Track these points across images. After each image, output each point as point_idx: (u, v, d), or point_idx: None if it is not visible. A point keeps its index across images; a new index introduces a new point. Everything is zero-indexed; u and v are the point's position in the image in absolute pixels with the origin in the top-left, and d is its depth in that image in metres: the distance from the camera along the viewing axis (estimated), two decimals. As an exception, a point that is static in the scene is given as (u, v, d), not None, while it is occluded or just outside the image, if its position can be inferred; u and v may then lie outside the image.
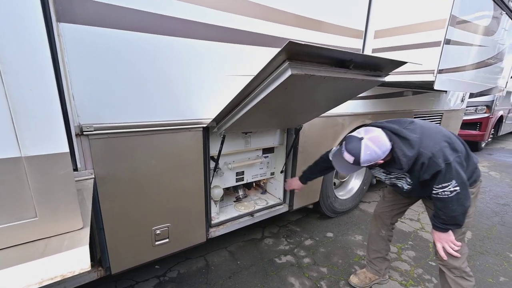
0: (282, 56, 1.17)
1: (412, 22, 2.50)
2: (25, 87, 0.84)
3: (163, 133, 1.72)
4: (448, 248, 1.59)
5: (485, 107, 6.79)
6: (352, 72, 1.43)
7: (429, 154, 1.42)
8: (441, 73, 2.38)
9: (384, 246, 2.10)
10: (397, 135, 1.49)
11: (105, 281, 2.11)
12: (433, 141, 1.45)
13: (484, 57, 3.11)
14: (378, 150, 1.43)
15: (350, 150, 1.48)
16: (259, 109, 1.60)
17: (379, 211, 2.09)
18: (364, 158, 1.44)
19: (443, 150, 1.42)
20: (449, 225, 1.54)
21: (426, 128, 1.52)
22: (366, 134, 1.47)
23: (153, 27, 1.53)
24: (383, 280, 2.22)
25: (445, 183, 1.42)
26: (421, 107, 3.95)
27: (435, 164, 1.41)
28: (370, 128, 1.52)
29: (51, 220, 0.97)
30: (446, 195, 1.44)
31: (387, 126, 1.54)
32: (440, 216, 1.54)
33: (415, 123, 1.54)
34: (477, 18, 2.71)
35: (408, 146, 1.45)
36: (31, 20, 0.82)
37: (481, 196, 4.16)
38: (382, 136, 1.47)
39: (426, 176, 1.46)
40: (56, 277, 0.84)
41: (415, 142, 1.44)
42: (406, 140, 1.46)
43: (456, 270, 1.64)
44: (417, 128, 1.51)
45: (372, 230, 2.13)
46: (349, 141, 1.51)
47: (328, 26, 2.35)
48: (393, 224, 2.07)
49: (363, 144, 1.44)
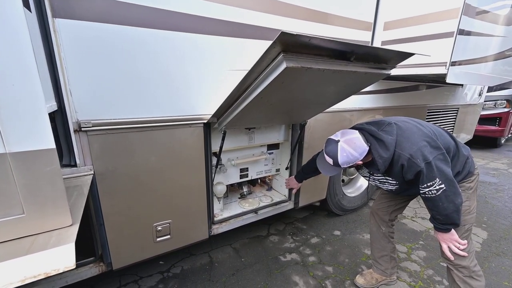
0: (277, 48, 1.10)
1: (423, 13, 2.39)
2: (7, 82, 0.82)
3: (163, 129, 1.70)
4: (454, 248, 1.54)
5: (505, 102, 6.46)
6: (354, 64, 1.34)
7: (406, 155, 1.42)
8: (454, 66, 2.26)
9: (387, 244, 2.03)
10: (374, 137, 1.52)
11: (109, 276, 2.13)
12: (410, 142, 1.45)
13: (503, 48, 2.93)
14: (354, 152, 1.46)
15: (328, 153, 1.53)
16: (258, 104, 1.54)
17: (375, 208, 2.07)
18: (341, 160, 1.48)
19: (422, 150, 1.41)
20: (446, 224, 1.50)
21: (404, 129, 1.51)
22: (342, 137, 1.51)
23: (151, 22, 1.51)
24: (391, 281, 2.13)
25: (429, 182, 1.41)
26: (435, 101, 3.79)
27: (415, 165, 1.41)
28: (348, 131, 1.57)
29: (38, 217, 0.95)
30: (433, 193, 1.42)
31: (365, 128, 1.58)
32: (435, 216, 1.51)
33: (392, 125, 1.53)
34: (495, 7, 2.56)
35: (383, 148, 1.47)
36: (11, 13, 0.80)
37: (499, 195, 3.97)
38: (358, 138, 1.50)
39: (409, 176, 1.46)
40: (39, 275, 0.82)
41: (390, 144, 1.46)
42: (382, 141, 1.48)
43: (464, 269, 1.58)
44: (394, 129, 1.51)
45: (373, 228, 2.09)
46: (327, 144, 1.56)
47: (335, 19, 2.27)
48: (392, 220, 2.02)
49: (339, 146, 1.48)
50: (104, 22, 1.38)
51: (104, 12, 1.37)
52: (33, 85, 0.86)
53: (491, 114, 6.54)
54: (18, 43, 0.81)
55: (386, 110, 3.05)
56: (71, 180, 1.44)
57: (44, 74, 1.27)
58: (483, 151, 6.71)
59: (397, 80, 3.00)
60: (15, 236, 0.92)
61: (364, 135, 1.54)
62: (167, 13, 1.54)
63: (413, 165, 1.41)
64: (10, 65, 0.81)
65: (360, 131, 1.57)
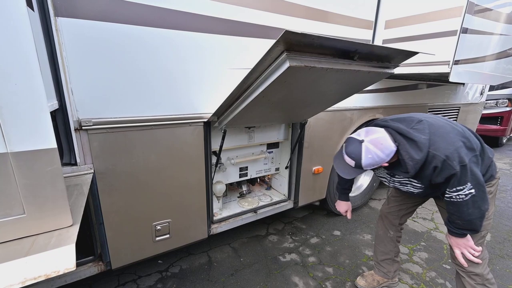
0: (280, 47, 1.09)
1: (425, 11, 2.37)
2: (10, 82, 0.81)
3: (163, 128, 1.70)
4: (468, 254, 1.46)
5: (507, 101, 6.43)
6: (357, 63, 1.33)
7: (442, 157, 1.28)
8: (457, 64, 2.24)
9: (393, 248, 1.99)
10: (404, 136, 1.36)
11: (108, 275, 2.12)
12: (447, 141, 1.32)
13: (505, 46, 2.91)
14: (380, 154, 1.31)
15: (350, 154, 1.36)
16: (260, 103, 1.53)
17: (385, 211, 1.98)
18: (365, 162, 1.32)
19: (458, 151, 1.29)
20: (465, 230, 1.41)
21: (437, 127, 1.37)
22: (367, 136, 1.34)
23: (152, 20, 1.51)
24: (392, 283, 2.10)
25: (459, 186, 1.30)
26: (436, 100, 3.77)
27: (450, 168, 1.28)
28: (372, 129, 1.39)
29: (39, 217, 0.94)
30: (461, 198, 1.31)
31: (392, 125, 1.41)
32: (455, 220, 1.41)
33: (423, 122, 1.39)
34: (498, 6, 2.54)
35: (415, 149, 1.31)
36: (14, 13, 0.79)
37: (501, 195, 3.95)
38: (385, 137, 1.34)
39: (439, 179, 1.34)
40: (39, 276, 0.81)
41: (423, 144, 1.31)
42: (414, 141, 1.32)
43: (477, 277, 1.50)
44: (426, 127, 1.36)
45: (379, 231, 2.02)
46: (349, 144, 1.39)
47: (336, 17, 2.26)
48: (401, 224, 1.95)
49: (363, 147, 1.32)
50: (105, 21, 1.39)
51: (106, 11, 1.38)
52: (35, 85, 0.85)
53: (493, 113, 6.51)
54: (21, 43, 0.81)
55: (387, 109, 3.03)
56: (71, 179, 1.44)
57: (46, 72, 1.27)
58: (483, 151, 6.68)
59: (399, 78, 2.99)
60: (15, 237, 0.91)
61: (391, 134, 1.37)
62: (168, 12, 1.54)
63: (448, 167, 1.28)
64: (13, 65, 0.81)
65: (385, 129, 1.40)
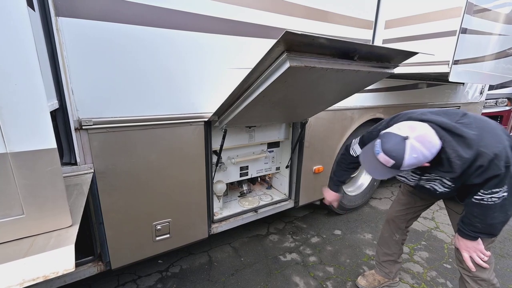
0: (280, 47, 1.09)
1: (425, 11, 2.38)
2: (10, 82, 0.81)
3: (164, 127, 1.69)
4: (476, 258, 1.40)
5: (507, 100, 6.43)
6: (357, 63, 1.33)
7: (490, 155, 1.16)
8: (457, 64, 2.25)
9: (397, 251, 1.97)
10: (450, 132, 1.20)
11: (107, 275, 2.11)
12: (495, 138, 1.20)
13: (504, 46, 2.92)
14: (427, 152, 1.15)
15: (390, 152, 1.18)
16: (260, 103, 1.53)
17: (393, 215, 1.93)
18: (408, 162, 1.16)
19: (506, 150, 1.18)
20: (482, 233, 1.34)
21: (484, 122, 1.25)
22: (413, 132, 1.17)
23: (153, 20, 1.50)
24: (393, 283, 2.09)
25: (496, 188, 1.20)
26: (436, 100, 3.77)
27: (495, 168, 1.16)
28: (416, 124, 1.22)
29: (38, 217, 0.93)
30: (492, 201, 1.23)
31: (434, 119, 1.24)
32: (474, 223, 1.33)
33: (469, 116, 1.27)
34: (497, 6, 2.55)
35: (464, 146, 1.17)
36: (15, 13, 0.79)
37: (500, 194, 3.95)
38: (431, 134, 1.18)
39: (477, 180, 1.22)
40: (38, 277, 0.80)
41: (473, 141, 1.17)
42: (462, 138, 1.18)
43: (484, 282, 1.46)
44: (473, 122, 1.23)
45: (385, 234, 1.99)
46: (388, 140, 1.20)
47: (336, 17, 2.25)
48: (407, 227, 1.92)
49: (408, 145, 1.15)
50: (106, 20, 1.38)
51: (106, 10, 1.37)
52: (36, 85, 0.85)
53: (493, 112, 6.51)
54: (21, 43, 0.81)
55: (387, 108, 3.03)
56: (71, 179, 1.43)
57: (46, 72, 1.26)
58: (483, 150, 6.69)
59: (399, 78, 2.98)
60: (14, 237, 0.90)
61: (434, 130, 1.21)
62: (168, 12, 1.53)
63: (494, 167, 1.16)
64: (13, 65, 0.80)
65: (428, 123, 1.24)
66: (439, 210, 3.31)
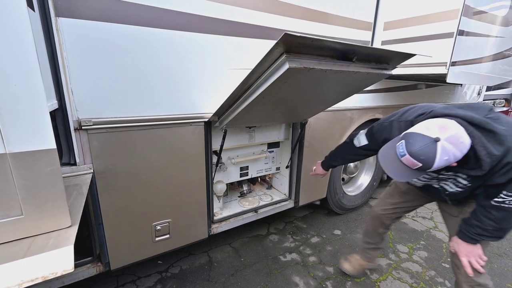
0: (280, 49, 1.10)
1: (423, 13, 2.40)
2: (9, 82, 0.81)
3: (164, 128, 1.69)
4: (475, 263, 1.36)
5: (504, 101, 6.47)
6: (356, 65, 1.34)
7: None
8: (454, 66, 2.27)
9: (380, 240, 2.07)
10: (479, 127, 1.13)
11: (106, 275, 2.10)
12: None
13: (501, 48, 2.95)
14: (458, 153, 1.07)
15: (418, 156, 1.08)
16: (260, 104, 1.53)
17: (379, 212, 1.93)
18: (438, 165, 1.08)
19: None
20: (489, 237, 1.29)
21: (509, 117, 1.22)
22: (443, 133, 1.07)
23: (153, 21, 1.50)
24: (373, 266, 2.20)
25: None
26: (434, 100, 3.78)
27: None
28: (445, 122, 1.11)
29: (37, 218, 0.93)
30: None
31: (463, 115, 1.15)
32: (486, 226, 1.27)
33: (495, 111, 1.20)
34: (493, 8, 2.59)
35: (495, 142, 1.10)
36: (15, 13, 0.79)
37: (498, 194, 3.97)
38: (462, 133, 1.09)
39: (500, 180, 1.14)
40: (37, 278, 0.79)
41: (504, 137, 1.10)
42: (493, 133, 1.11)
43: (480, 287, 1.43)
44: (501, 117, 1.16)
45: (369, 228, 2.07)
46: (415, 142, 1.10)
47: (336, 18, 2.26)
48: (391, 225, 1.98)
49: (440, 147, 1.05)
50: (106, 21, 1.38)
51: (107, 11, 1.37)
52: (35, 86, 0.85)
53: (490, 113, 6.55)
54: (21, 44, 0.81)
55: (387, 109, 3.03)
56: (70, 179, 1.43)
57: (46, 72, 1.26)
58: (482, 150, 6.71)
59: (398, 79, 2.99)
60: (13, 238, 0.90)
61: (463, 125, 1.12)
62: (168, 13, 1.53)
63: None
64: (13, 66, 0.80)
65: (455, 119, 1.14)
66: (437, 210, 3.30)
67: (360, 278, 2.19)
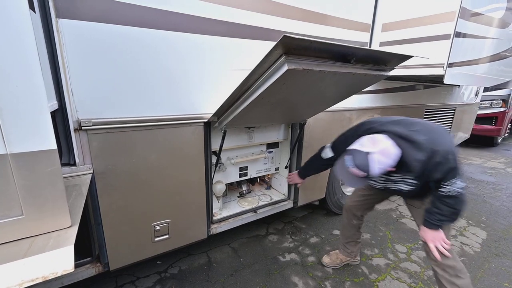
0: (278, 50, 1.11)
1: (421, 15, 2.43)
2: (11, 83, 0.81)
3: (163, 128, 1.69)
4: (440, 247, 1.57)
5: (501, 101, 6.52)
6: (354, 66, 1.35)
7: (443, 152, 1.37)
8: (451, 67, 2.30)
9: (356, 232, 2.21)
10: (405, 139, 1.42)
11: (105, 276, 2.10)
12: (445, 139, 1.44)
13: (498, 49, 2.99)
14: (389, 161, 1.37)
15: (359, 166, 1.38)
16: (259, 104, 1.54)
17: (349, 204, 2.17)
18: (375, 172, 1.37)
19: (452, 148, 1.41)
20: (447, 221, 1.54)
21: (432, 128, 1.50)
22: (373, 147, 1.37)
23: (153, 22, 1.50)
24: (354, 261, 2.34)
25: (456, 179, 1.42)
26: (432, 101, 3.80)
27: (450, 161, 1.38)
28: (375, 138, 1.42)
29: (37, 218, 0.93)
30: (458, 192, 1.43)
31: (392, 130, 1.47)
32: (444, 213, 1.51)
33: (419, 124, 1.51)
34: (489, 10, 2.63)
35: (418, 150, 1.39)
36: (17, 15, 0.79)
37: (497, 194, 3.99)
38: (390, 146, 1.38)
39: (438, 175, 1.40)
40: (37, 278, 0.80)
41: (424, 145, 1.38)
42: (415, 143, 1.40)
43: (450, 269, 1.61)
44: (423, 129, 1.46)
45: (344, 220, 2.23)
46: (355, 157, 1.40)
47: (334, 20, 2.27)
48: (363, 216, 2.15)
49: (371, 159, 1.35)
50: (106, 22, 1.38)
51: (107, 12, 1.37)
52: (36, 87, 0.85)
53: (488, 113, 6.60)
54: (22, 45, 0.81)
55: (385, 109, 3.05)
56: (70, 179, 1.43)
57: (46, 73, 1.26)
58: (480, 150, 6.76)
59: (396, 80, 3.01)
60: (13, 238, 0.90)
61: (392, 139, 1.42)
62: (168, 14, 1.53)
63: (448, 162, 1.37)
64: (15, 67, 0.81)
65: (387, 134, 1.45)
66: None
67: (359, 278, 2.20)
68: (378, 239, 2.76)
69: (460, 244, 2.71)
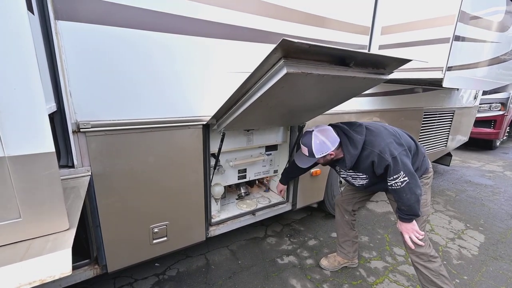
0: (278, 54, 1.11)
1: (420, 18, 2.43)
2: (9, 86, 0.81)
3: (162, 130, 1.69)
4: (414, 238, 1.73)
5: (500, 105, 6.54)
6: (353, 70, 1.35)
7: (376, 151, 1.60)
8: (450, 70, 2.30)
9: (349, 230, 2.26)
10: (346, 135, 1.70)
11: (103, 278, 2.10)
12: (379, 139, 1.64)
13: (497, 53, 3.00)
14: (326, 140, 1.64)
15: (305, 143, 1.69)
16: (258, 107, 1.54)
17: (339, 200, 2.27)
18: (315, 148, 1.64)
19: (389, 146, 1.60)
20: (410, 214, 1.69)
21: (373, 129, 1.71)
22: (316, 128, 1.71)
23: (152, 24, 1.51)
24: (352, 264, 2.34)
25: (395, 175, 1.59)
26: (431, 104, 3.81)
27: (383, 159, 1.59)
28: (321, 124, 1.76)
29: (35, 221, 0.93)
30: (398, 186, 1.60)
31: (339, 125, 1.77)
32: (400, 207, 1.70)
33: (362, 126, 1.73)
34: (489, 14, 2.63)
35: (352, 145, 1.66)
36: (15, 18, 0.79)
37: (495, 197, 4.00)
38: (330, 129, 1.70)
39: (379, 170, 1.64)
40: (35, 281, 0.79)
41: (358, 142, 1.64)
42: (352, 139, 1.67)
43: (423, 255, 1.76)
44: (363, 130, 1.70)
45: (337, 216, 2.30)
46: (303, 135, 1.74)
47: (334, 23, 2.28)
48: (354, 211, 2.23)
49: (313, 135, 1.66)
50: (105, 24, 1.38)
51: (106, 14, 1.37)
52: (35, 90, 0.85)
53: (486, 116, 6.62)
54: (21, 48, 0.81)
55: (384, 112, 3.06)
56: (68, 182, 1.42)
57: (45, 75, 1.26)
58: (478, 153, 6.78)
59: (395, 83, 3.02)
60: (10, 241, 0.90)
61: (337, 132, 1.72)
62: (168, 16, 1.53)
63: (382, 160, 1.59)
64: (13, 70, 0.81)
65: (334, 127, 1.75)
66: (434, 213, 3.33)
67: (357, 280, 2.20)
68: (376, 241, 2.76)
69: (458, 247, 2.72)
